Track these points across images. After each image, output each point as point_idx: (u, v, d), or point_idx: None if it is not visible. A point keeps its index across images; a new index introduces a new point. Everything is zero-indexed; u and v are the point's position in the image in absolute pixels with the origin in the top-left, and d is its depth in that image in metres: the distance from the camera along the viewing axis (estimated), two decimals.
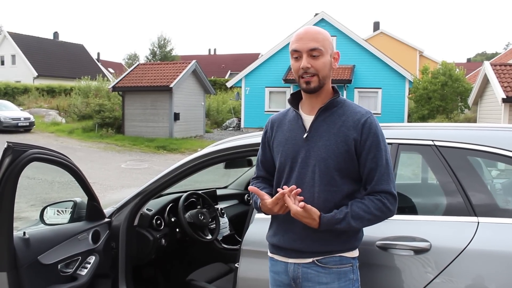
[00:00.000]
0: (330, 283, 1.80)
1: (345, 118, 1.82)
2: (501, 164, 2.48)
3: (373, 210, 1.76)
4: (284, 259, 1.90)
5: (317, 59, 1.81)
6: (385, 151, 1.82)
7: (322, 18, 21.88)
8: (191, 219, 3.36)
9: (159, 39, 49.17)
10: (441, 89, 19.78)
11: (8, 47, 38.30)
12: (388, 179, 1.79)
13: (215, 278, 3.15)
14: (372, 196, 1.78)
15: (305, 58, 1.81)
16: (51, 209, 2.80)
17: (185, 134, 19.29)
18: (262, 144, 2.06)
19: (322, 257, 1.81)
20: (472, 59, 58.60)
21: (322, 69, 1.82)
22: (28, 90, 30.23)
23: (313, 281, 1.82)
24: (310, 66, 1.80)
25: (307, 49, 1.80)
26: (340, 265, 1.82)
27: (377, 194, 1.78)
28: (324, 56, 1.82)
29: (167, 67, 19.86)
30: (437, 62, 26.94)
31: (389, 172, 1.81)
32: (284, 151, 1.90)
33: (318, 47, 1.81)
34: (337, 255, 1.82)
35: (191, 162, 2.79)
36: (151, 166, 12.87)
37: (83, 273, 2.60)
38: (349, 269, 1.83)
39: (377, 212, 1.76)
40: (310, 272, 1.83)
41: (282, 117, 2.01)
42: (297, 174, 1.85)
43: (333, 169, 1.79)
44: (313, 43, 1.81)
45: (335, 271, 1.81)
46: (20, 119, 20.02)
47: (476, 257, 1.89)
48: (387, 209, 1.78)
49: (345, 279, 1.82)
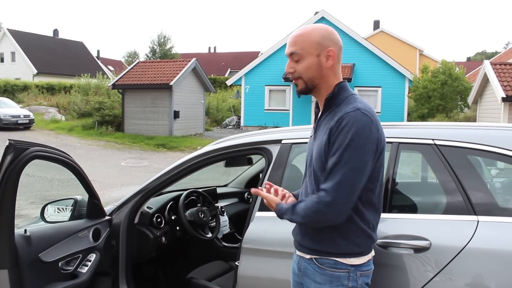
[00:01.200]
0: (322, 284, 1.79)
1: (335, 117, 1.73)
2: (501, 163, 2.49)
3: (309, 207, 1.70)
4: (295, 250, 1.97)
5: (298, 63, 1.82)
6: (347, 150, 1.65)
7: (322, 16, 21.85)
8: (192, 217, 3.36)
9: (159, 37, 49.22)
10: (441, 88, 19.78)
11: (7, 44, 38.23)
12: (332, 178, 1.66)
13: (215, 276, 3.16)
14: (314, 194, 1.74)
15: (288, 63, 1.85)
16: (52, 206, 2.80)
17: (185, 132, 19.29)
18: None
19: (319, 257, 1.81)
20: (472, 58, 58.54)
21: (304, 71, 1.81)
22: (28, 87, 30.18)
23: (310, 278, 1.85)
24: (294, 70, 1.83)
25: (288, 54, 1.84)
26: (334, 268, 1.77)
27: (316, 192, 1.73)
28: (305, 58, 1.80)
29: (167, 65, 19.85)
30: (437, 61, 26.94)
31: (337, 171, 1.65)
32: (306, 151, 1.96)
33: (295, 51, 1.81)
34: (332, 258, 1.78)
35: (191, 161, 2.80)
36: (150, 164, 12.86)
37: (83, 271, 2.61)
38: (344, 275, 1.76)
39: (310, 211, 1.70)
40: (309, 269, 1.85)
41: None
42: (307, 171, 1.90)
43: (317, 168, 1.77)
44: (291, 47, 1.83)
45: (328, 274, 1.78)
46: (20, 116, 20.01)
47: (476, 255, 1.90)
48: (318, 209, 1.68)
49: (337, 283, 1.76)
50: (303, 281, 1.90)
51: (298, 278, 1.95)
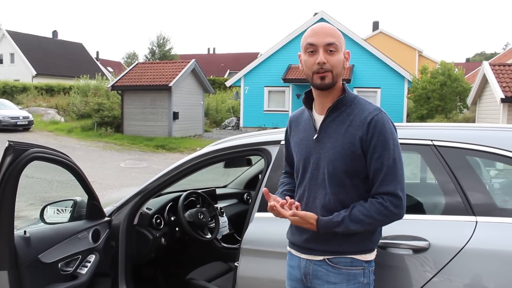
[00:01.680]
0: (338, 283, 1.79)
1: (353, 118, 1.78)
2: (500, 164, 2.49)
3: (373, 214, 1.71)
4: (298, 254, 1.92)
5: (333, 55, 1.77)
6: (394, 150, 1.75)
7: (322, 17, 21.85)
8: (191, 218, 3.36)
9: (158, 38, 49.27)
10: (440, 89, 19.79)
11: (6, 45, 38.20)
12: (392, 180, 1.72)
13: (214, 277, 3.16)
14: (374, 199, 1.73)
15: (322, 53, 1.76)
16: (51, 208, 2.80)
17: (184, 133, 19.28)
18: (286, 142, 2.10)
19: (333, 257, 1.80)
20: (471, 59, 58.58)
21: (336, 66, 1.78)
22: (27, 88, 30.17)
23: (322, 279, 1.82)
24: (326, 61, 1.76)
25: (324, 44, 1.76)
26: (351, 266, 1.79)
27: (379, 196, 1.73)
28: (339, 53, 1.79)
29: (166, 66, 19.85)
30: (436, 62, 26.96)
31: (396, 172, 1.73)
32: (299, 152, 1.91)
33: (334, 42, 1.77)
34: (349, 257, 1.79)
35: (191, 162, 2.80)
36: (150, 165, 12.86)
37: (83, 272, 2.61)
38: (360, 272, 1.79)
39: (378, 216, 1.71)
40: (320, 270, 1.83)
41: (299, 115, 2.01)
42: (310, 175, 1.86)
43: (341, 171, 1.77)
44: (330, 38, 1.77)
45: (345, 272, 1.79)
46: (19, 118, 19.99)
47: (475, 256, 1.90)
48: (389, 212, 1.71)
49: (354, 281, 1.78)
50: (311, 285, 1.86)
51: (300, 285, 1.91)
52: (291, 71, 21.85)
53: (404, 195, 1.74)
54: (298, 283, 1.92)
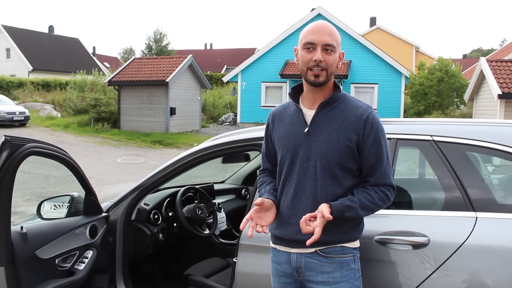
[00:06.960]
0: (332, 272, 1.84)
1: (346, 113, 1.86)
2: (499, 159, 2.49)
3: (377, 201, 1.83)
4: (287, 249, 1.92)
5: (330, 55, 1.84)
6: (385, 145, 1.88)
7: (319, 13, 21.82)
8: (189, 214, 3.36)
9: (155, 34, 49.09)
10: (437, 85, 19.83)
11: (2, 40, 37.98)
12: (389, 173, 1.87)
13: (212, 272, 3.15)
14: (377, 188, 1.85)
15: (320, 51, 1.82)
16: (48, 203, 2.78)
17: (181, 128, 19.25)
18: (265, 138, 2.10)
19: (325, 247, 1.85)
20: (468, 55, 58.74)
21: (332, 65, 1.85)
22: (23, 84, 30.01)
23: (315, 270, 1.85)
24: (323, 60, 1.82)
25: (323, 43, 1.82)
26: (342, 254, 1.86)
27: (382, 187, 1.85)
28: (336, 53, 1.86)
29: (163, 62, 19.77)
30: (433, 58, 27.02)
31: (389, 165, 1.88)
32: (285, 145, 1.93)
33: (333, 43, 1.84)
34: (339, 245, 1.86)
35: (189, 157, 2.79)
36: (147, 161, 12.84)
37: (80, 268, 2.60)
38: (351, 259, 1.87)
39: (380, 203, 1.84)
40: (313, 262, 1.86)
41: (283, 110, 2.03)
42: (299, 168, 1.88)
43: (334, 164, 1.83)
44: (330, 38, 1.84)
45: (337, 261, 1.85)
46: (15, 113, 19.88)
47: (474, 251, 1.90)
48: (388, 200, 1.87)
49: (347, 268, 1.86)
50: (304, 278, 1.88)
51: (290, 279, 1.93)
52: (288, 67, 21.83)
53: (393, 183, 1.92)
54: (288, 278, 1.94)
